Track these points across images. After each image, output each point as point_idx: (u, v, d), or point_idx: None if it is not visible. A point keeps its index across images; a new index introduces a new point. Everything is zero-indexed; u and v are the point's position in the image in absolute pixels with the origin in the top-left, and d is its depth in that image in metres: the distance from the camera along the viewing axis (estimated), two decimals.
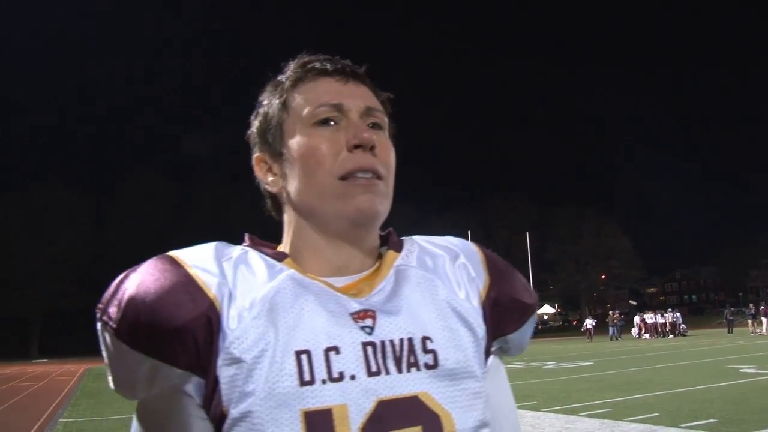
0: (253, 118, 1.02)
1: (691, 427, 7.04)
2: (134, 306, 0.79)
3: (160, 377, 0.80)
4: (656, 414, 8.14)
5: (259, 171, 0.99)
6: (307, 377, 0.79)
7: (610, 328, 41.53)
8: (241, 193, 62.47)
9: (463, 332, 0.91)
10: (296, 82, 0.96)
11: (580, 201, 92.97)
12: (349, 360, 0.82)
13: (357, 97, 0.94)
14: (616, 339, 39.83)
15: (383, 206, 0.92)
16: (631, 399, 9.88)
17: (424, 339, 0.87)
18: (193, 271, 0.83)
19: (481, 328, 0.93)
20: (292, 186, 0.93)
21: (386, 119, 0.97)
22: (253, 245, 0.93)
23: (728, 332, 37.47)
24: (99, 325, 0.83)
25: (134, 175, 71.66)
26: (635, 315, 45.99)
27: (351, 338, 0.83)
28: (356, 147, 0.90)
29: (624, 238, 79.85)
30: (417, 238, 1.03)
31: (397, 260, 0.96)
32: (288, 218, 0.97)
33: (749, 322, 36.80)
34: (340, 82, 0.95)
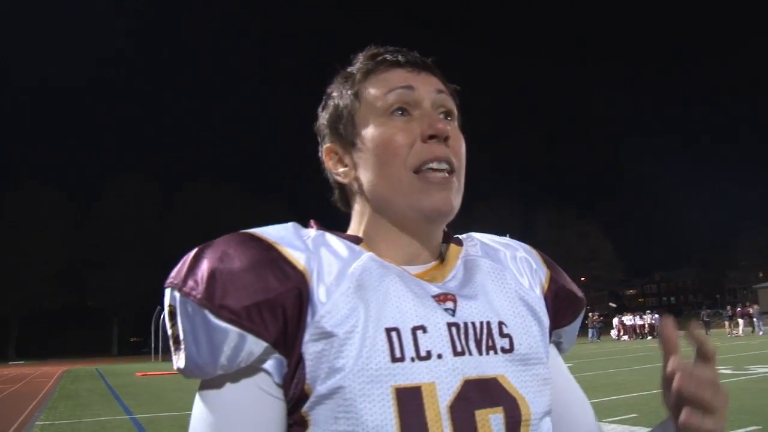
0: (320, 109, 1.02)
1: None
2: (220, 276, 0.78)
3: (243, 351, 0.78)
4: (635, 415, 8.22)
5: (328, 161, 0.99)
6: (398, 354, 0.79)
7: (590, 330, 41.84)
8: (227, 196, 61.75)
9: (531, 321, 0.93)
10: (367, 73, 0.96)
11: (561, 203, 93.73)
12: (436, 339, 0.82)
13: (429, 88, 0.94)
14: (596, 340, 40.13)
15: (457, 202, 0.92)
16: (610, 400, 9.96)
17: (500, 324, 0.89)
18: (280, 245, 0.84)
19: (545, 317, 0.96)
20: (366, 177, 0.93)
21: (455, 110, 0.98)
22: (326, 229, 0.93)
23: (704, 334, 37.87)
24: (178, 297, 0.80)
25: (118, 177, 70.77)
26: (614, 317, 46.36)
27: (436, 318, 0.84)
28: (431, 137, 0.90)
29: (605, 240, 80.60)
30: (475, 234, 1.05)
31: (462, 252, 0.98)
32: (360, 208, 0.97)
33: (726, 323, 37.30)
34: (412, 72, 0.94)
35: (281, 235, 0.86)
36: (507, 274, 0.96)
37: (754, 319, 35.08)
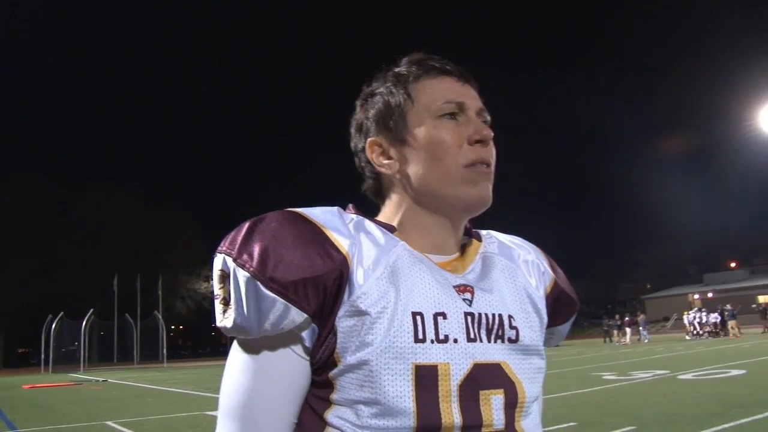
0: (362, 104, 1.11)
1: (551, 431, 7.41)
2: (273, 252, 0.89)
3: (287, 320, 0.89)
4: None
5: (371, 153, 1.07)
6: (420, 336, 0.91)
7: None
8: (129, 202, 58.82)
9: (534, 316, 1.06)
10: (419, 76, 1.06)
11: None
12: (454, 325, 0.94)
13: (474, 98, 1.06)
14: None
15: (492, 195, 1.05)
16: None
17: (510, 317, 1.01)
18: (327, 229, 0.95)
19: (545, 315, 1.09)
20: (414, 170, 1.03)
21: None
22: (364, 216, 1.04)
23: (604, 341, 40.06)
24: (233, 266, 0.90)
25: (9, 175, 66.49)
26: None
27: (455, 307, 0.95)
28: (477, 141, 1.02)
29: None
30: (494, 232, 1.17)
31: (481, 248, 1.10)
32: (398, 198, 1.06)
33: (615, 332, 39.35)
34: (459, 82, 1.06)
35: (328, 218, 0.97)
36: (518, 273, 1.08)
37: (640, 328, 37.00)
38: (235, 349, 0.97)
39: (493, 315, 0.99)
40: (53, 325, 40.04)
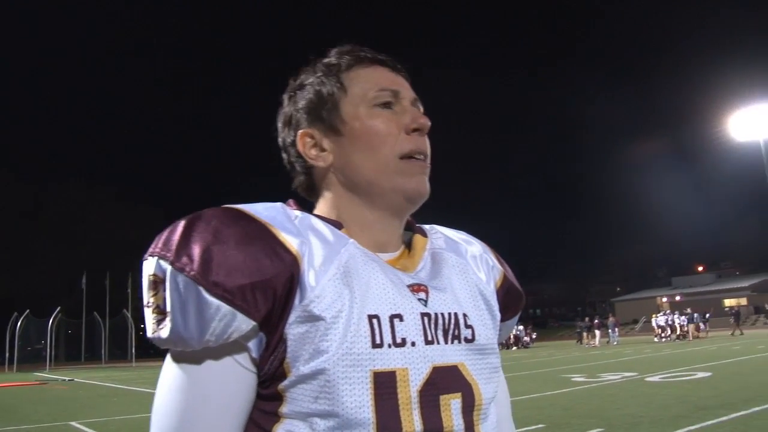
0: (290, 97, 1.05)
1: None
2: (215, 254, 0.81)
3: (232, 328, 0.81)
4: None
5: (303, 146, 1.01)
6: (378, 340, 0.85)
7: None
8: (102, 200, 57.89)
9: (487, 314, 1.02)
10: (351, 66, 1.01)
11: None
12: (411, 328, 0.88)
13: (407, 88, 1.03)
14: None
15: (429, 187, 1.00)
16: None
17: (464, 315, 0.96)
18: (273, 227, 0.87)
19: (497, 311, 1.05)
20: (350, 161, 0.98)
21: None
22: (307, 211, 0.97)
23: (577, 343, 40.34)
24: (168, 270, 0.81)
25: None
26: None
27: (411, 308, 0.90)
28: (414, 130, 0.98)
29: None
30: (438, 227, 1.11)
31: (428, 243, 1.05)
32: (333, 194, 1.00)
33: (584, 334, 39.78)
34: (393, 72, 1.03)
35: (272, 215, 0.89)
36: (468, 269, 1.04)
37: (609, 330, 37.37)
38: (169, 363, 0.87)
39: (449, 314, 0.95)
40: (18, 323, 39.34)
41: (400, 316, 0.88)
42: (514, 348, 40.32)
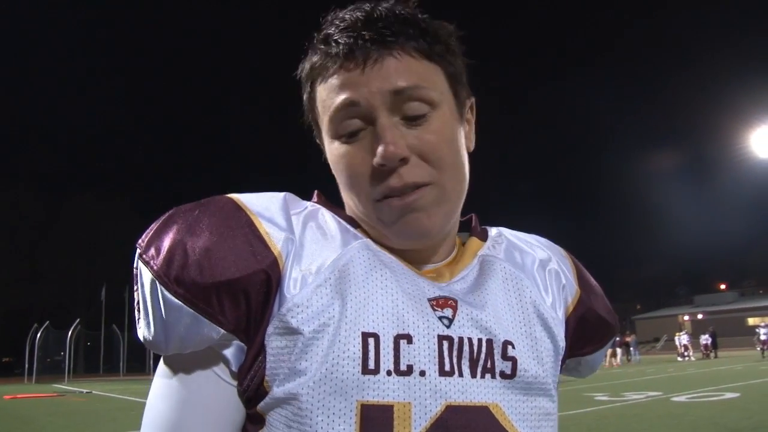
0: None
1: None
2: (183, 248, 0.69)
3: (198, 335, 0.69)
4: None
5: (317, 138, 0.86)
6: (371, 365, 0.68)
7: None
8: (115, 212, 58.55)
9: (546, 343, 0.81)
10: (317, 77, 0.79)
11: None
12: (422, 353, 0.71)
13: (377, 88, 0.73)
14: None
15: (436, 216, 0.76)
16: None
17: (506, 344, 0.76)
18: (258, 220, 0.73)
19: (563, 342, 0.83)
20: (340, 189, 0.81)
21: (431, 91, 0.76)
22: (325, 204, 0.82)
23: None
24: (139, 263, 0.71)
25: (0, 187, 65.96)
26: None
27: (427, 328, 0.72)
28: (382, 166, 0.73)
29: None
30: (504, 230, 0.92)
31: (482, 249, 0.86)
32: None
33: (605, 356, 39.28)
34: (355, 71, 0.74)
35: (265, 206, 0.75)
36: (527, 285, 0.83)
37: (631, 348, 37.03)
38: (159, 368, 0.77)
39: (480, 340, 0.75)
40: (38, 335, 39.63)
41: (408, 337, 0.71)
42: None
